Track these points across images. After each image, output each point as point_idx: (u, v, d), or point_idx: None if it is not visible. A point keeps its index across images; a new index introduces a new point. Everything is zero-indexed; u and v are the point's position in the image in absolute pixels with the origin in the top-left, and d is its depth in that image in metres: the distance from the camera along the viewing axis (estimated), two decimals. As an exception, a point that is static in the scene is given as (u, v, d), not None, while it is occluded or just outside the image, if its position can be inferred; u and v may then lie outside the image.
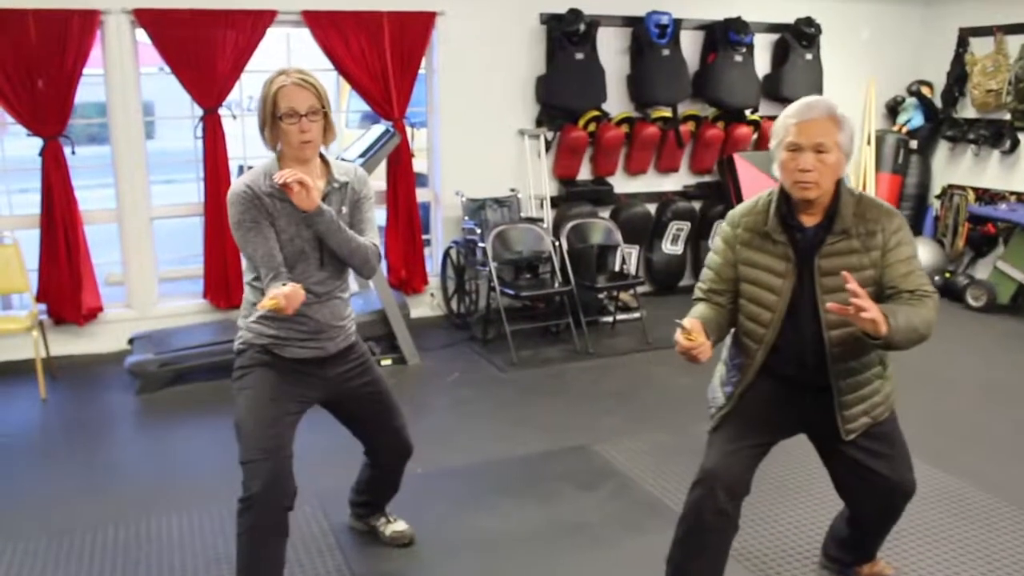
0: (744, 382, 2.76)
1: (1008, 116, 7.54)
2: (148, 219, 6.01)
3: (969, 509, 3.83)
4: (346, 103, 10.46)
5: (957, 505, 3.87)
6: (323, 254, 2.88)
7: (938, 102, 8.08)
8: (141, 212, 5.98)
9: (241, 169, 6.53)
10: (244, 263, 2.97)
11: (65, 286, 5.73)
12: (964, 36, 7.87)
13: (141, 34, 5.73)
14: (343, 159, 5.70)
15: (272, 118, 2.73)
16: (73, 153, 5.66)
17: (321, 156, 2.89)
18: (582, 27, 6.59)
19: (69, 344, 5.85)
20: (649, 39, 6.86)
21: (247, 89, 6.55)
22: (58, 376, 5.48)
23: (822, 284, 2.57)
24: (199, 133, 5.90)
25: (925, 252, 7.54)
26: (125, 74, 5.77)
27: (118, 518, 3.73)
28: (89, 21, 5.51)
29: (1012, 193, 7.55)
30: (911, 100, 8.08)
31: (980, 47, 7.75)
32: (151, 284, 6.11)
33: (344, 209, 2.89)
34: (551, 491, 4.02)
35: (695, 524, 2.73)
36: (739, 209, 2.75)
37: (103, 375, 5.59)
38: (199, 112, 5.89)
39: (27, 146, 5.71)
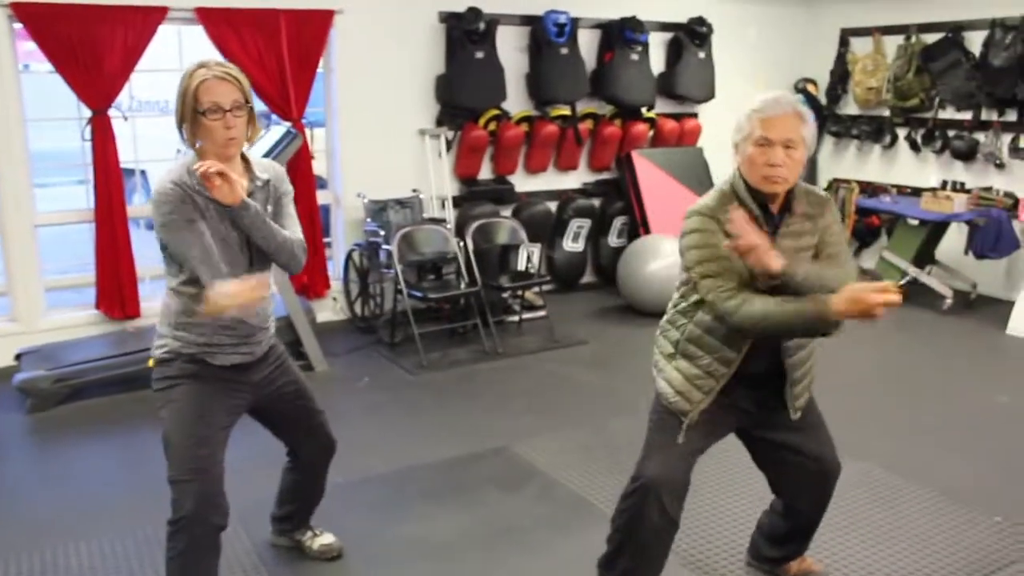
0: (719, 387, 2.69)
1: (887, 112, 7.89)
2: (32, 226, 5.70)
3: (875, 489, 3.98)
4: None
5: (864, 487, 4.01)
6: (252, 254, 2.77)
7: (823, 99, 8.38)
8: (24, 219, 5.65)
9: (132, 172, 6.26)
10: (166, 267, 2.79)
11: (-57, 299, 5.39)
12: (845, 36, 8.19)
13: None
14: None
15: (193, 114, 2.58)
16: (-51, 158, 5.33)
17: (242, 155, 2.76)
18: (482, 26, 6.57)
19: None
20: (547, 38, 6.89)
21: (138, 89, 6.29)
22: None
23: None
24: (87, 136, 5.63)
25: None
26: (3, 72, 5.44)
27: (17, 549, 3.50)
28: (-38, 17, 5.19)
29: (893, 186, 7.90)
30: (797, 96, 8.32)
31: (860, 47, 8.08)
32: (37, 295, 5.79)
33: (268, 208, 2.77)
34: (476, 495, 3.98)
35: (640, 531, 2.71)
36: (708, 205, 2.63)
37: (-7, 391, 5.28)
38: (86, 113, 5.62)
39: None
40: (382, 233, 6.15)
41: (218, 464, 2.75)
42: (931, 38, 7.45)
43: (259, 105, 6.50)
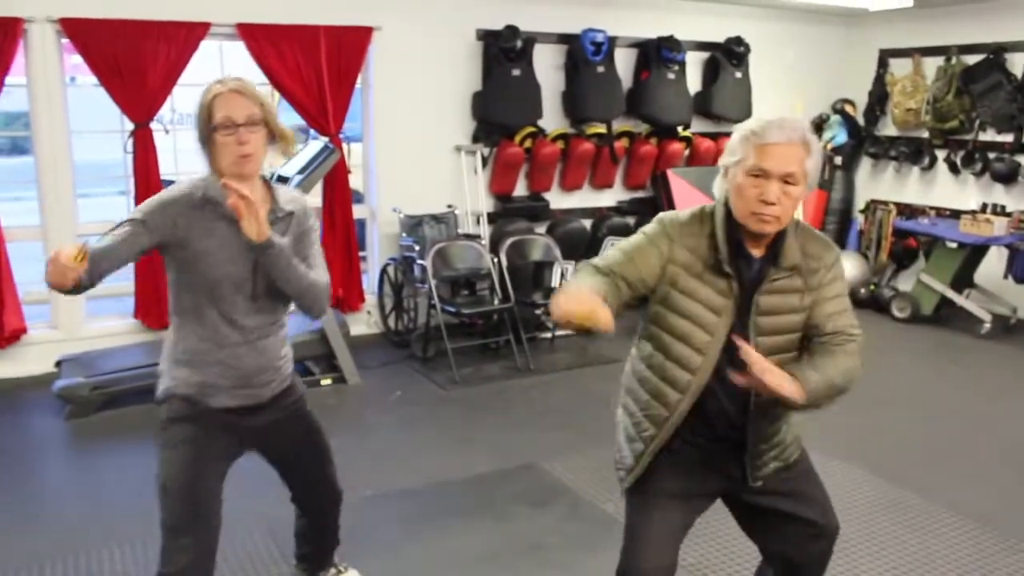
0: (659, 438, 2.32)
1: (926, 134, 7.82)
2: (74, 235, 5.79)
3: (909, 515, 3.94)
4: (273, 116, 10.31)
5: (898, 512, 3.97)
6: (256, 283, 2.53)
7: (861, 120, 8.33)
8: (67, 228, 5.76)
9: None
10: (170, 294, 2.60)
11: (-15, 307, 5.50)
12: (884, 57, 8.14)
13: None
14: (280, 176, 5.63)
15: (209, 130, 2.43)
16: (-5, 168, 5.46)
17: (264, 181, 2.58)
18: (519, 44, 6.61)
19: (-10, 367, 5.61)
20: (584, 56, 6.91)
21: (179, 103, 6.40)
22: (-21, 401, 5.26)
23: (757, 324, 2.21)
24: (129, 148, 5.73)
25: (850, 265, 7.75)
26: (50, 85, 5.56)
27: (54, 553, 3.55)
28: (11, 30, 5.30)
29: (931, 208, 7.82)
30: (835, 118, 8.31)
31: (899, 68, 8.02)
32: (78, 304, 5.89)
33: (287, 240, 2.54)
34: (504, 511, 3.99)
35: None
36: (676, 219, 2.28)
37: (27, 400, 5.37)
38: (128, 125, 5.72)
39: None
40: (417, 248, 6.19)
41: (214, 515, 2.59)
42: (972, 59, 7.38)
43: (297, 120, 6.66)
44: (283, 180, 5.59)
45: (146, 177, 5.74)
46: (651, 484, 2.37)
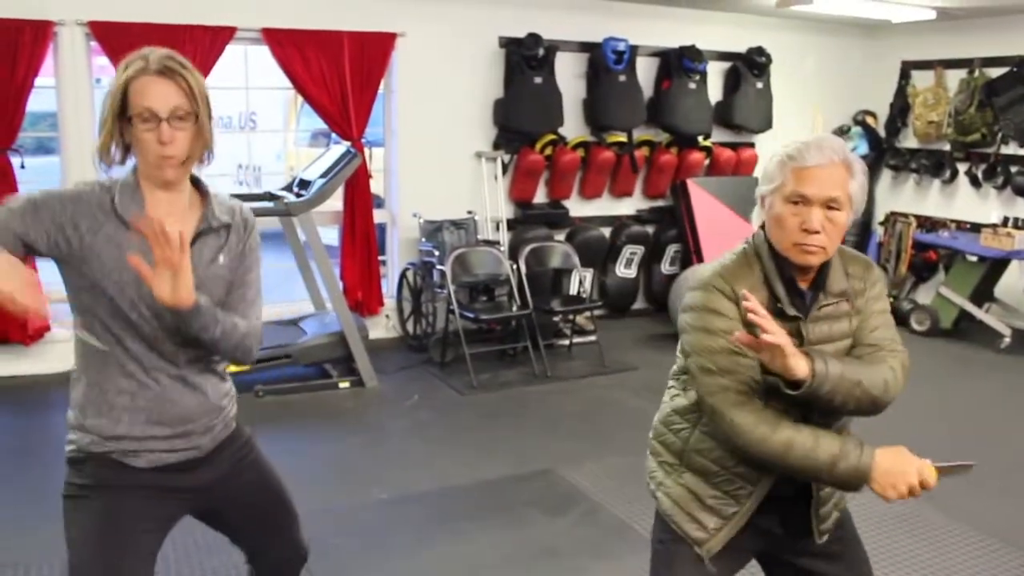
0: (745, 512, 2.09)
1: (948, 147, 7.79)
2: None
3: (928, 531, 3.93)
4: (295, 120, 10.41)
5: (916, 526, 3.96)
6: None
7: (882, 132, 8.31)
8: (91, 229, 5.83)
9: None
10: (74, 322, 2.05)
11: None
12: (906, 69, 8.12)
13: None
14: (302, 179, 5.68)
15: (117, 118, 1.91)
16: (23, 167, 5.52)
17: (196, 183, 2.07)
18: (541, 52, 6.64)
19: (13, 365, 5.66)
20: (606, 65, 6.94)
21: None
22: (4, 399, 5.31)
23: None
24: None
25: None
26: (78, 86, 5.65)
27: None
28: (42, 32, 5.38)
29: (952, 221, 7.79)
30: (856, 129, 8.29)
31: (921, 80, 8.00)
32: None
33: (221, 259, 2.06)
34: (519, 517, 4.01)
35: None
36: (723, 272, 2.04)
37: (51, 397, 5.42)
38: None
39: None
40: (436, 253, 6.22)
41: None
42: (995, 72, 7.36)
43: (322, 124, 6.71)
44: (305, 184, 5.64)
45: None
46: (701, 547, 2.13)
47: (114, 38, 5.54)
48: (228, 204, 2.13)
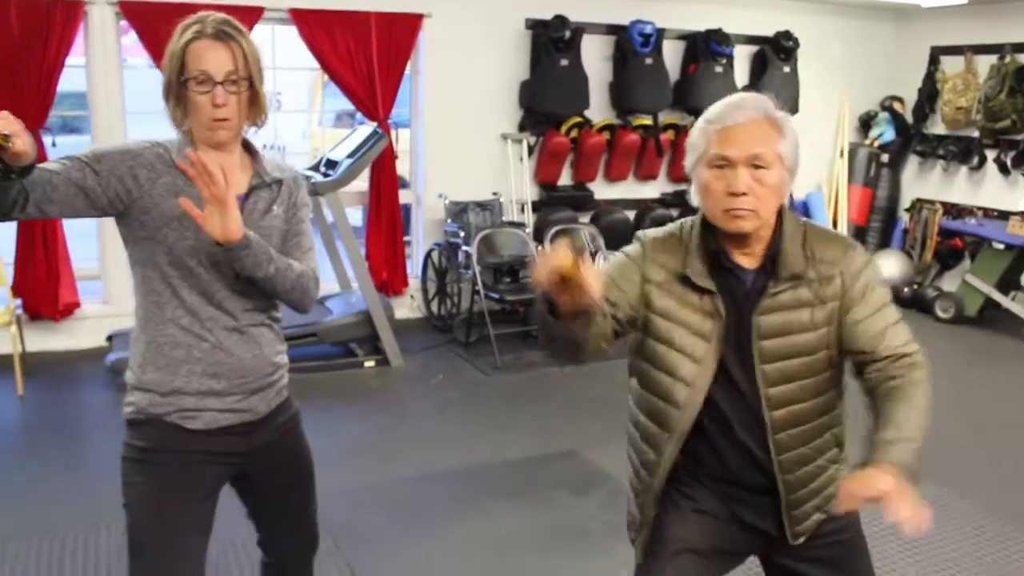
0: (654, 488, 2.00)
1: (976, 134, 7.73)
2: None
3: (948, 514, 3.93)
4: (320, 101, 10.44)
5: (937, 511, 3.96)
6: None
7: (909, 118, 8.25)
8: (120, 207, 5.88)
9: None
10: (133, 277, 2.08)
11: (42, 281, 5.64)
12: (935, 54, 8.05)
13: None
14: (329, 159, 5.71)
15: (178, 83, 1.95)
16: (54, 145, 5.58)
17: (247, 145, 2.12)
18: (567, 34, 6.63)
19: (44, 340, 5.74)
20: (632, 48, 6.92)
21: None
22: (34, 373, 5.38)
23: (761, 350, 1.88)
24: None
25: (894, 264, 7.71)
26: (108, 66, 5.70)
27: (106, 519, 3.61)
28: (73, 12, 5.43)
29: (979, 208, 7.74)
30: (883, 115, 8.24)
31: (951, 65, 7.93)
32: (128, 280, 6.01)
33: (275, 210, 2.11)
34: (545, 496, 4.05)
35: None
36: (654, 236, 2.00)
37: (80, 372, 5.51)
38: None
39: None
40: (462, 234, 6.25)
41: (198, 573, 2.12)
42: (1026, 58, 7.30)
43: (347, 105, 6.73)
44: (332, 164, 5.67)
45: (199, 158, 5.84)
46: (666, 536, 2.02)
47: (143, 17, 5.58)
48: (276, 163, 2.19)
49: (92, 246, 6.09)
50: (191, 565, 2.09)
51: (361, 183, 6.32)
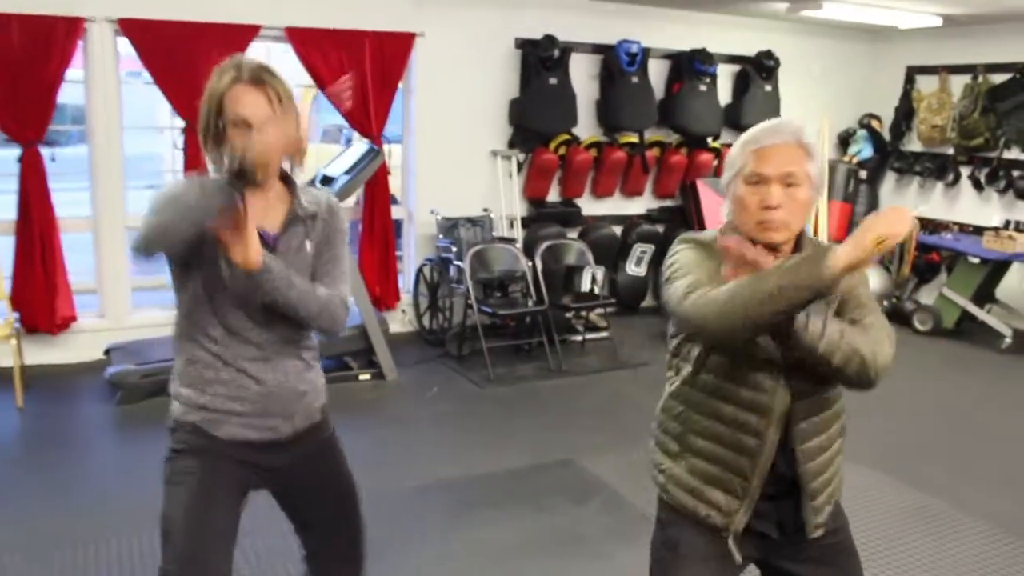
0: (754, 485, 2.06)
1: (951, 151, 7.95)
2: (123, 227, 5.99)
3: (934, 520, 4.08)
4: (307, 117, 10.52)
5: (923, 517, 4.11)
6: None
7: (887, 135, 8.47)
8: (117, 220, 5.95)
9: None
10: (177, 302, 2.24)
11: (39, 294, 5.68)
12: (911, 74, 8.28)
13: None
14: (326, 175, 5.81)
15: (216, 126, 2.07)
16: (53, 159, 5.64)
17: (285, 176, 2.23)
18: (556, 53, 6.79)
19: (42, 353, 5.78)
20: (619, 67, 7.08)
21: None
22: (32, 385, 5.42)
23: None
24: (180, 145, 5.93)
25: (873, 278, 7.86)
26: (107, 82, 5.77)
27: (111, 533, 3.70)
28: (73, 28, 5.50)
29: (955, 223, 7.95)
30: (861, 132, 8.45)
31: (926, 85, 8.16)
32: (125, 294, 6.09)
33: (308, 246, 2.22)
34: (543, 504, 4.15)
35: None
36: (703, 237, 2.15)
37: (78, 385, 5.56)
38: (179, 122, 5.92)
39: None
40: (454, 249, 6.36)
41: (223, 565, 2.20)
42: (998, 78, 7.51)
43: (334, 120, 6.84)
44: (328, 180, 5.77)
45: (196, 172, 5.92)
46: (680, 542, 2.15)
47: (142, 35, 5.67)
48: (314, 194, 2.28)
49: (88, 259, 6.14)
50: (217, 557, 2.18)
51: (350, 198, 6.42)
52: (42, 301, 5.70)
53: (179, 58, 5.73)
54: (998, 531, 4.00)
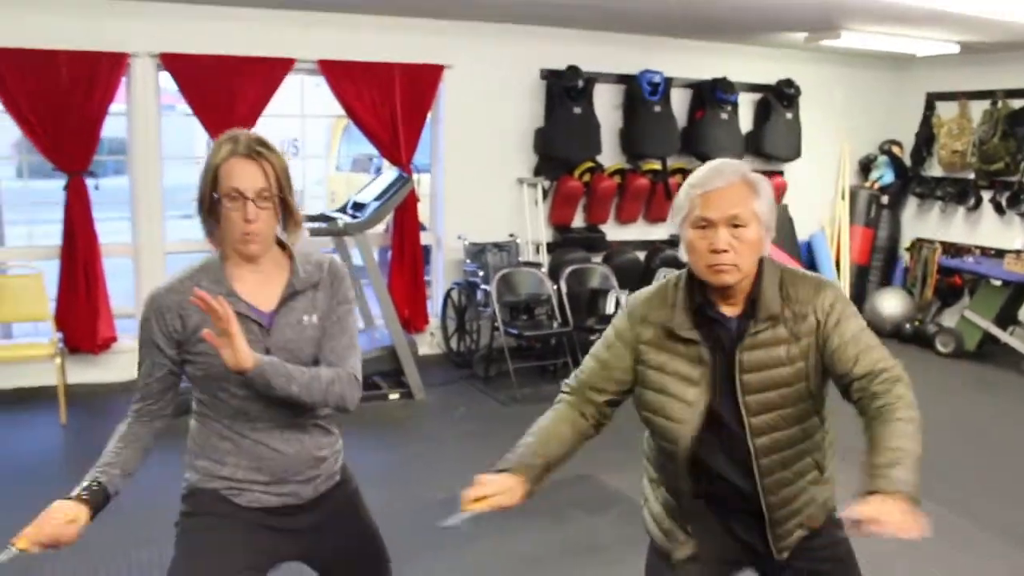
0: (680, 514, 2.25)
1: (972, 176, 8.04)
2: (163, 253, 6.24)
3: (949, 534, 4.16)
4: (337, 146, 10.81)
5: (937, 529, 4.18)
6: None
7: (908, 161, 8.58)
8: (156, 247, 6.21)
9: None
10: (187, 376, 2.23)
11: (82, 316, 5.93)
12: (931, 100, 8.40)
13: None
14: (356, 201, 6.02)
15: (211, 197, 2.06)
16: (96, 188, 5.91)
17: (282, 246, 2.21)
18: (580, 83, 6.99)
19: (84, 373, 6.02)
20: (642, 96, 7.27)
21: (262, 131, 6.84)
22: (74, 403, 5.64)
23: (743, 383, 2.07)
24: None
25: (895, 301, 7.99)
26: (148, 114, 6.04)
27: (148, 539, 3.81)
28: (117, 63, 5.78)
29: (976, 247, 8.02)
30: (883, 158, 8.57)
31: (946, 111, 8.27)
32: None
33: (310, 319, 2.18)
34: (563, 515, 4.29)
35: None
36: (642, 298, 2.22)
37: (118, 403, 5.67)
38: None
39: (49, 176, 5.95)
40: (481, 273, 6.55)
41: None
42: (1017, 103, 7.61)
43: (364, 150, 7.04)
44: (359, 206, 5.99)
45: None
46: (668, 559, 2.29)
47: (183, 69, 5.94)
48: (316, 260, 2.24)
49: (128, 284, 6.39)
50: None
51: (379, 225, 6.64)
52: (85, 322, 5.94)
53: (217, 91, 6.00)
54: (1014, 548, 4.08)
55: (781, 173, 8.20)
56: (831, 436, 2.23)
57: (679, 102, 7.59)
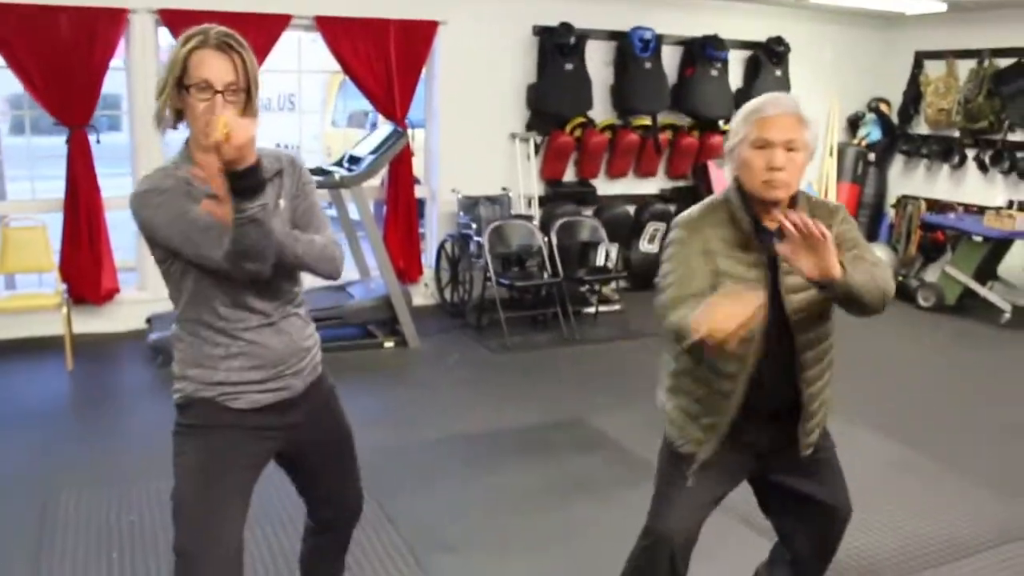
0: (725, 424, 2.44)
1: (957, 134, 8.19)
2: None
3: (919, 473, 4.38)
4: (333, 102, 10.89)
5: (910, 470, 4.41)
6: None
7: (895, 119, 8.71)
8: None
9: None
10: (170, 292, 2.27)
11: (85, 267, 6.08)
12: (919, 59, 8.51)
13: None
14: (353, 155, 6.16)
15: (176, 86, 2.05)
16: (98, 142, 6.02)
17: None
18: (572, 40, 7.10)
19: (88, 323, 6.19)
20: (633, 53, 7.38)
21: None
22: (80, 352, 5.81)
23: (785, 284, 2.35)
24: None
25: (881, 256, 8.12)
26: (147, 70, 6.13)
27: (152, 475, 3.93)
28: (116, 19, 5.88)
29: (960, 204, 8.19)
30: (870, 116, 8.71)
31: (933, 69, 8.40)
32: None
33: (282, 203, 2.25)
34: (555, 455, 4.50)
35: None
36: (694, 214, 2.44)
37: (122, 351, 5.97)
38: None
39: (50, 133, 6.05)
40: (474, 226, 6.70)
41: (235, 537, 2.24)
42: (1003, 63, 7.74)
43: (359, 106, 7.16)
44: (355, 160, 6.13)
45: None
46: (692, 461, 2.50)
47: (181, 24, 6.01)
48: (273, 153, 2.28)
49: (129, 237, 6.51)
50: (229, 527, 2.23)
51: (374, 179, 6.78)
52: (88, 274, 6.09)
53: (216, 45, 6.08)
54: (981, 489, 4.28)
55: (770, 130, 8.31)
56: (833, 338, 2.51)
57: (670, 59, 7.71)
